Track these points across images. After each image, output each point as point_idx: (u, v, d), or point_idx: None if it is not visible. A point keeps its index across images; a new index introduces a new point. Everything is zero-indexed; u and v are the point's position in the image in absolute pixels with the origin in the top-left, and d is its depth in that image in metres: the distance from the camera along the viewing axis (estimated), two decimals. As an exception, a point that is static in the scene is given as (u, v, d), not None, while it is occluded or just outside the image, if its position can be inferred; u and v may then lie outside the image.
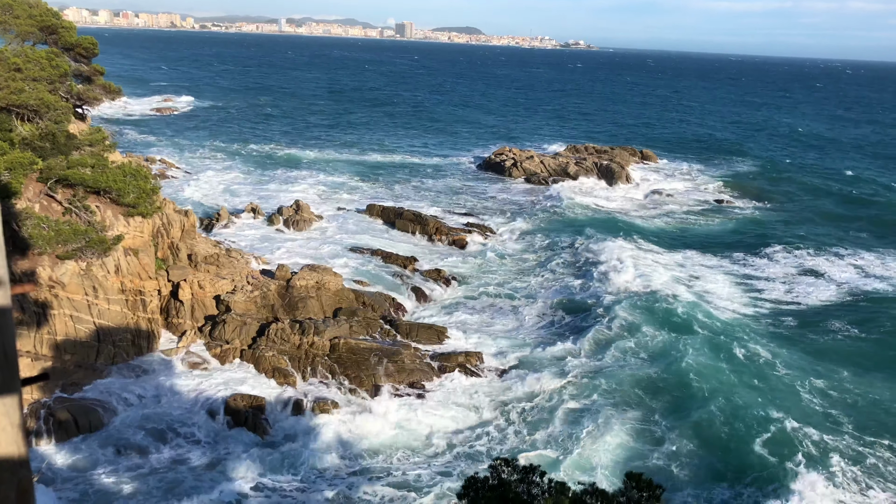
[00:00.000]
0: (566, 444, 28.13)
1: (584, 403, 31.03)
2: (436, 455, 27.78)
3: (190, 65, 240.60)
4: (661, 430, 29.34)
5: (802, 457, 26.91)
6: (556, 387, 32.23)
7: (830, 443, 28.18)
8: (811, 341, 38.49)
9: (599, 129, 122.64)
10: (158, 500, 24.25)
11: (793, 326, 40.50)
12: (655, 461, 27.23)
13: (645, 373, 33.57)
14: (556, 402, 31.14)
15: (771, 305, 43.83)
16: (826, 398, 32.00)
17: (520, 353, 35.96)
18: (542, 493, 14.40)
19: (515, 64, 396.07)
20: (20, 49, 36.18)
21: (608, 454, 27.49)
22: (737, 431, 29.01)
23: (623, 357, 35.36)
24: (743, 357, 35.58)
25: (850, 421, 30.13)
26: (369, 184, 72.06)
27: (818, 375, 34.06)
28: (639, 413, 30.54)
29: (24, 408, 1.87)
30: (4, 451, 1.80)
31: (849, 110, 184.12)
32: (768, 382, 33.15)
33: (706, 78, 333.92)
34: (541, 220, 60.82)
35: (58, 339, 30.52)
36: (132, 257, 33.89)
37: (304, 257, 46.91)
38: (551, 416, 30.08)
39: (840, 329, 40.12)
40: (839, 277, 49.46)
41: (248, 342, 34.70)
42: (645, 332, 37.69)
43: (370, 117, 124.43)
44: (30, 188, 31.40)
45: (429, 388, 32.49)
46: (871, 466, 27.06)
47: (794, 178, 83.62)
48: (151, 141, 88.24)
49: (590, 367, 34.30)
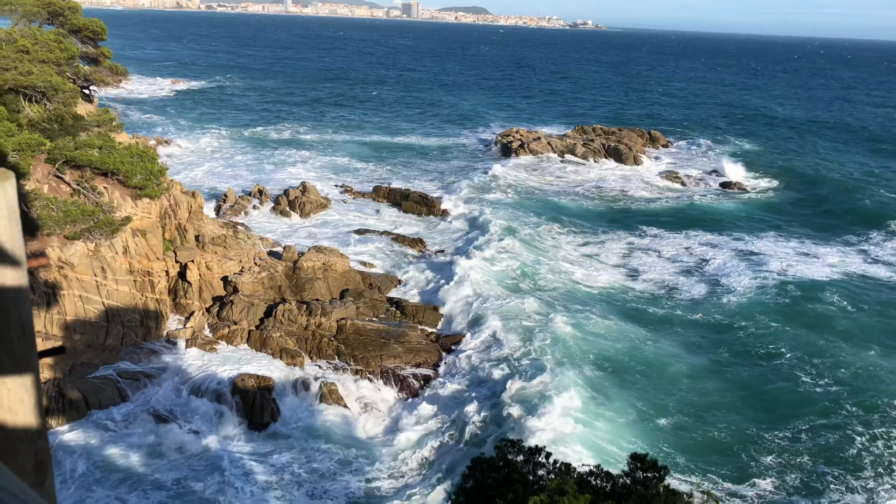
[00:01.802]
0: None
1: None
2: (440, 436, 27.97)
3: (196, 45, 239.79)
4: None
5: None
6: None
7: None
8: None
9: (608, 111, 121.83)
10: (165, 480, 24.55)
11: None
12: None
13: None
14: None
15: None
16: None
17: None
18: (547, 473, 14.52)
19: (520, 44, 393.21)
20: (28, 30, 36.16)
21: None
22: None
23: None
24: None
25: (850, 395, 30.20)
26: (375, 165, 71.99)
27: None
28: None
29: (41, 380, 1.92)
30: (23, 422, 1.85)
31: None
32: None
33: (719, 56, 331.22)
34: (534, 197, 60.72)
35: (67, 319, 30.78)
36: (140, 238, 34.05)
37: (311, 238, 47.02)
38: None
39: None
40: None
41: (255, 323, 34.92)
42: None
43: (375, 99, 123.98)
44: (38, 169, 31.51)
45: (435, 368, 32.67)
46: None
47: (795, 163, 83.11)
48: (157, 121, 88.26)
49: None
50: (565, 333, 34.74)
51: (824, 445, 27.36)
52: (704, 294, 42.06)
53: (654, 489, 12.22)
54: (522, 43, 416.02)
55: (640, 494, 11.88)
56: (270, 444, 27.02)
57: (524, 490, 13.19)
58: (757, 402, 30.48)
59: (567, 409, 27.73)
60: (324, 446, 27.12)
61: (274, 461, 26.01)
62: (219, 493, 23.94)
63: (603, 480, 13.30)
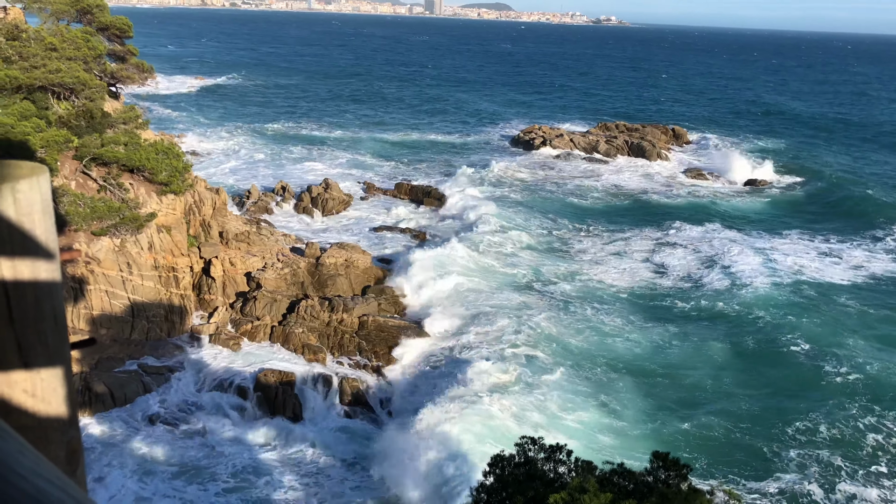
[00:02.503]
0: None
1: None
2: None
3: (219, 43, 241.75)
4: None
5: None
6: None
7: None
8: None
9: (630, 107, 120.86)
10: (188, 473, 24.86)
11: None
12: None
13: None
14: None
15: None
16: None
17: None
18: (568, 471, 14.48)
19: (542, 41, 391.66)
20: (56, 28, 36.69)
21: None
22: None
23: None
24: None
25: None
26: (397, 162, 72.15)
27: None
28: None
29: (73, 371, 1.96)
30: (56, 412, 1.89)
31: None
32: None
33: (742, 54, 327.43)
34: (562, 199, 60.46)
35: (94, 313, 31.26)
36: (165, 234, 34.45)
37: (333, 235, 47.26)
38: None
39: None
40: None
41: (278, 319, 35.17)
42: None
43: (397, 96, 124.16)
44: (66, 166, 32.01)
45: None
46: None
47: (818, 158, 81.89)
48: (182, 118, 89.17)
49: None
50: (581, 329, 34.59)
51: (841, 440, 27.26)
52: (725, 290, 41.63)
53: (676, 487, 12.14)
54: (544, 39, 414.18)
55: (661, 492, 11.81)
56: (291, 438, 27.22)
57: (545, 488, 13.17)
58: (775, 398, 30.24)
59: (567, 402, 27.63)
60: (344, 440, 27.28)
61: (294, 455, 26.21)
62: (235, 489, 24.20)
63: (624, 479, 13.23)
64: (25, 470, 1.35)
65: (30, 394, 1.82)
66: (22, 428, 1.76)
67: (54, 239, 1.86)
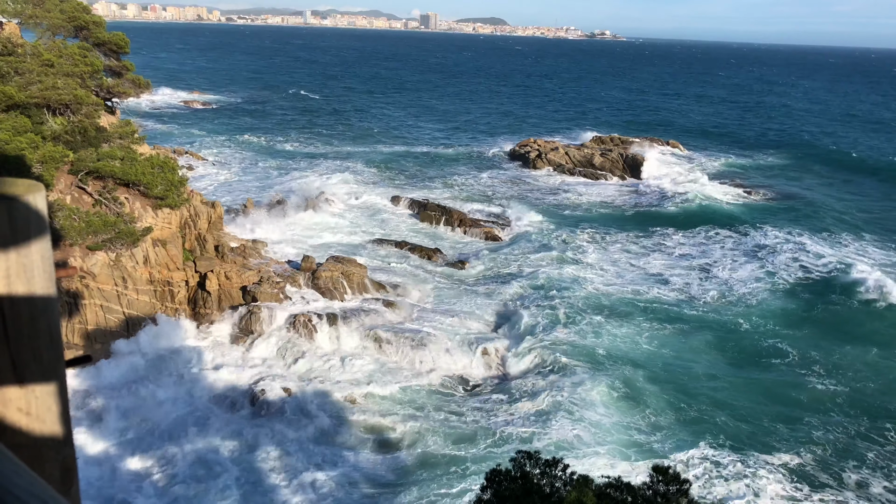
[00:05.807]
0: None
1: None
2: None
3: (215, 57, 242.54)
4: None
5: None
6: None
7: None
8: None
9: (626, 120, 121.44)
10: (184, 484, 24.71)
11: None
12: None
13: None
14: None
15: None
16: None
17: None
18: (564, 485, 14.41)
19: (538, 55, 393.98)
20: (52, 44, 36.76)
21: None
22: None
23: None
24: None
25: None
26: (393, 174, 72.23)
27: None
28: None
29: (68, 389, 1.95)
30: (50, 430, 1.87)
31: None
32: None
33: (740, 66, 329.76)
34: (559, 211, 60.61)
35: (89, 328, 31.12)
36: (160, 248, 34.39)
37: (330, 248, 47.22)
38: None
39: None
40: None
41: (274, 332, 35.01)
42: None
43: (392, 109, 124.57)
44: (61, 180, 31.97)
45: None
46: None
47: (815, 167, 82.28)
48: (177, 133, 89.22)
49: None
50: (586, 336, 34.60)
51: (844, 444, 27.40)
52: (721, 298, 41.78)
53: (676, 502, 12.09)
54: (540, 53, 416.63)
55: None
56: (287, 450, 27.10)
57: (542, 502, 13.09)
58: (778, 402, 30.32)
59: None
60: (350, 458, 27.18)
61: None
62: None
63: (623, 492, 13.17)
64: (21, 490, 1.34)
65: (24, 412, 1.81)
66: (16, 446, 1.75)
67: (50, 257, 1.85)
